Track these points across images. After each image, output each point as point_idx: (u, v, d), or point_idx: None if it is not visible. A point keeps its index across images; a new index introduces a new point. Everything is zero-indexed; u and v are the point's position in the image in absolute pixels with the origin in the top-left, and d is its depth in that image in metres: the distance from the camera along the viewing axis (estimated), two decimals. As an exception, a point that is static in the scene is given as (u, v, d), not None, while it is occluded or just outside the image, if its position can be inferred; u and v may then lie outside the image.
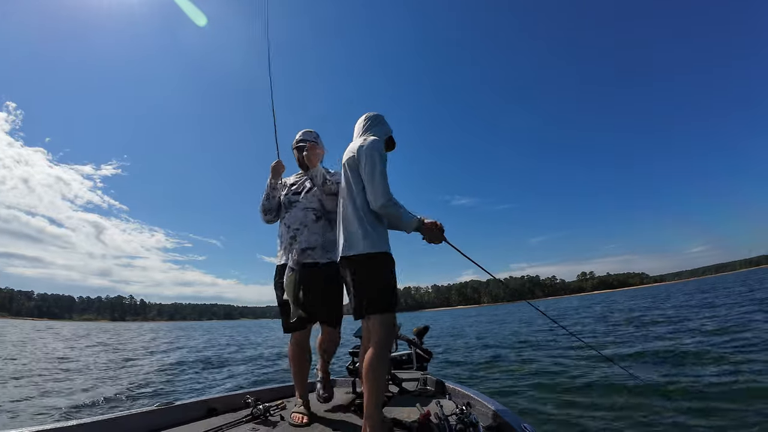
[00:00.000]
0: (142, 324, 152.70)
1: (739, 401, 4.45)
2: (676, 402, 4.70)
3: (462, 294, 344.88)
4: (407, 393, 3.15)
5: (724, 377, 5.44)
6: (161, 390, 7.61)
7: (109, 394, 6.99)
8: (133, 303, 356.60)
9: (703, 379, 5.55)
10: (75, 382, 8.31)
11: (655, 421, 4.15)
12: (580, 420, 4.41)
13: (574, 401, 5.16)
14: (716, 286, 45.63)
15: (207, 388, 7.95)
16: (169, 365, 11.40)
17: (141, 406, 4.26)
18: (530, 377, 6.99)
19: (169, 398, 4.65)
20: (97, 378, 9.00)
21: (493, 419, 2.23)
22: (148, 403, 5.91)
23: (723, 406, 4.34)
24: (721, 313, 14.02)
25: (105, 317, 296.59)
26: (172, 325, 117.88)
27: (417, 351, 4.08)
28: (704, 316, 13.54)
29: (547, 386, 6.15)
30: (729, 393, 4.78)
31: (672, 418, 4.20)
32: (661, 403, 4.71)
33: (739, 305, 16.06)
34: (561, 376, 6.68)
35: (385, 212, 2.02)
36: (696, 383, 5.31)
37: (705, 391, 4.96)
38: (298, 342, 2.60)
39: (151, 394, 7.22)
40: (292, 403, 2.81)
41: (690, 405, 4.51)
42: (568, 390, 5.81)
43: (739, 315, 12.57)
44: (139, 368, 10.78)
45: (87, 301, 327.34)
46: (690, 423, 4.05)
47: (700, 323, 11.78)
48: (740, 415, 4.08)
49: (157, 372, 10.05)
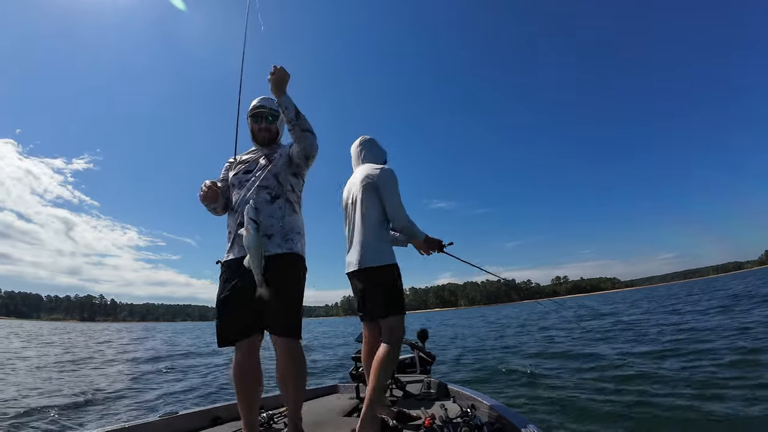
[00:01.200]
0: (111, 324, 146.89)
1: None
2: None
3: (439, 296, 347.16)
4: (411, 396, 3.13)
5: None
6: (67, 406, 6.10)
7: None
8: (103, 303, 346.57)
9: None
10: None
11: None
12: (586, 419, 4.46)
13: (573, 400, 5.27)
14: (653, 295, 48.38)
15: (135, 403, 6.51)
16: (102, 373, 9.91)
17: (139, 417, 4.28)
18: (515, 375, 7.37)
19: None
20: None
21: (498, 421, 2.22)
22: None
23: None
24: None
25: (74, 317, 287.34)
26: (142, 326, 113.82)
27: (420, 354, 4.11)
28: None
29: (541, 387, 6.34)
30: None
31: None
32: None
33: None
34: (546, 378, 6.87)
35: (404, 230, 2.48)
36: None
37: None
38: (243, 360, 2.00)
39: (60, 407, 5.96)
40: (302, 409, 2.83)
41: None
42: (562, 389, 5.98)
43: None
44: (70, 375, 9.53)
45: (55, 300, 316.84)
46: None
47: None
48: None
49: (82, 379, 8.75)
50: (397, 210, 2.42)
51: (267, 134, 2.25)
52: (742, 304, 16.27)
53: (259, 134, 2.24)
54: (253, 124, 2.26)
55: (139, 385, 8.05)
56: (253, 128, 2.26)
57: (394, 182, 2.45)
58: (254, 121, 2.25)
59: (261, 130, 2.24)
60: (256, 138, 2.26)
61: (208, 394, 7.14)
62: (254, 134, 2.26)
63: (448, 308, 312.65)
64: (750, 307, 14.66)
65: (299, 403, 2.08)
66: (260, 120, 2.24)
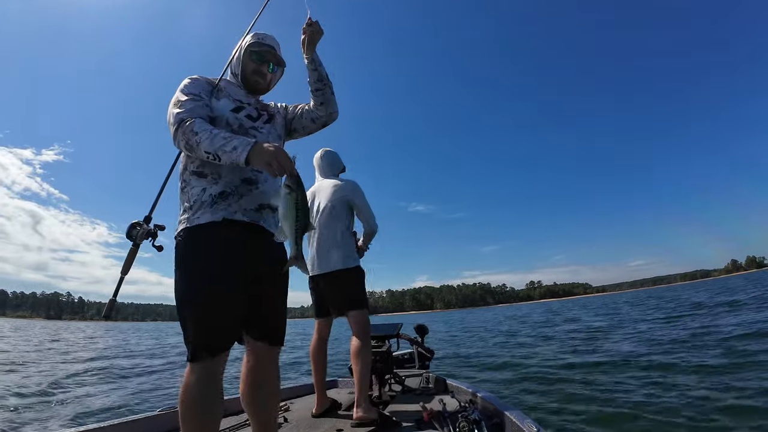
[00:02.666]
0: (77, 323, 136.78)
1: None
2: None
3: (416, 299, 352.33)
4: (410, 391, 3.19)
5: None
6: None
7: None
8: (70, 300, 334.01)
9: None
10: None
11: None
12: (580, 416, 4.46)
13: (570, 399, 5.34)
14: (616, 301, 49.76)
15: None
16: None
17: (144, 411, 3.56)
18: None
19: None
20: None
21: (496, 416, 2.21)
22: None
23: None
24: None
25: (40, 315, 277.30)
26: (113, 325, 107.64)
27: (419, 349, 4.13)
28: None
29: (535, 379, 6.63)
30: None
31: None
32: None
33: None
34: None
35: (372, 233, 2.90)
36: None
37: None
38: (214, 380, 1.41)
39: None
40: (296, 406, 2.90)
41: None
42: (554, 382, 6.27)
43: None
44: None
45: (21, 296, 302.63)
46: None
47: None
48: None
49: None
50: (372, 217, 2.84)
51: (263, 82, 1.72)
52: (679, 311, 16.97)
53: (257, 77, 1.70)
54: (252, 63, 1.69)
55: (55, 389, 7.19)
56: (251, 67, 1.69)
57: (363, 193, 2.83)
58: (257, 60, 1.69)
59: (263, 74, 1.70)
60: (249, 81, 1.70)
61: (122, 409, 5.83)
62: (249, 75, 1.69)
63: (425, 311, 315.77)
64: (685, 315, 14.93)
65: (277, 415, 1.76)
66: (263, 62, 1.70)
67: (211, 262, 1.42)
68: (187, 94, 1.50)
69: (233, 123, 1.56)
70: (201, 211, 1.46)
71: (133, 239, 1.45)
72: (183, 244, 1.46)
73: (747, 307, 14.71)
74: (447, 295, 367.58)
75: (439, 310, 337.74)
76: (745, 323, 10.12)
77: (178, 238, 1.47)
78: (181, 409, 1.36)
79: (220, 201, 1.47)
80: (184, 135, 1.39)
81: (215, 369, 1.41)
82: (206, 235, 1.45)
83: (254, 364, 1.58)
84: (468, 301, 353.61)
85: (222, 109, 1.56)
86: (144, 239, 1.46)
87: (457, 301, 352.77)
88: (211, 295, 1.40)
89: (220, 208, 1.46)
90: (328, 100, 1.78)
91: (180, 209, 1.53)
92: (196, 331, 1.38)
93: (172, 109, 1.47)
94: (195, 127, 1.38)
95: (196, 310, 1.40)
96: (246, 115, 1.61)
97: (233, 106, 1.59)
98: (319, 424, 2.44)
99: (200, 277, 1.42)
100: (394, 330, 3.57)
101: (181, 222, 1.49)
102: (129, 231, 1.45)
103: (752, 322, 10.11)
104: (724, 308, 15.45)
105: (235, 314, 1.46)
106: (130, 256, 1.47)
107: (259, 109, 1.68)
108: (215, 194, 1.47)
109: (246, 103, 1.65)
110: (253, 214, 1.53)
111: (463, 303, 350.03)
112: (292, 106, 1.85)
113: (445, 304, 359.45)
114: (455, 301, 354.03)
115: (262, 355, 1.58)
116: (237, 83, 1.71)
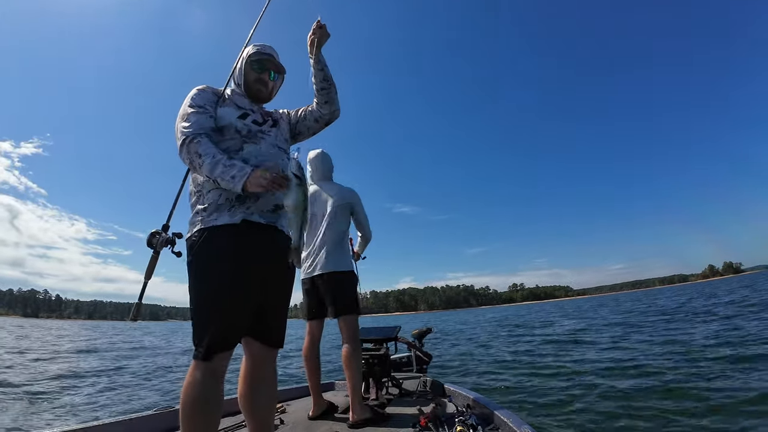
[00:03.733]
0: (54, 322, 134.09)
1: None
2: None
3: (400, 301, 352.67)
4: (407, 395, 3.16)
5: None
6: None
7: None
8: (47, 298, 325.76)
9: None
10: None
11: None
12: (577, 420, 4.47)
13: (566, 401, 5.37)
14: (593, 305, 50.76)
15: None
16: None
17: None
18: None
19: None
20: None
21: (493, 421, 2.22)
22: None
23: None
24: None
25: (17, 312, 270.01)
26: (91, 324, 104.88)
27: (417, 353, 4.12)
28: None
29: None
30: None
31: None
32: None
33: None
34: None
35: (367, 241, 3.02)
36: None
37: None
38: (218, 378, 1.44)
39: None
40: (292, 408, 2.90)
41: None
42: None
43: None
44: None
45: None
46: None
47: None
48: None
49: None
50: (368, 225, 2.98)
51: (265, 90, 1.77)
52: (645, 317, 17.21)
53: (259, 86, 1.76)
54: (253, 72, 1.74)
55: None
56: (252, 76, 1.74)
57: (359, 200, 2.92)
58: (257, 69, 1.74)
59: (264, 82, 1.76)
60: (252, 89, 1.75)
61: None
62: (252, 84, 1.75)
63: (408, 312, 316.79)
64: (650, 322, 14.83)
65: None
66: (264, 71, 1.75)
67: (231, 262, 1.45)
68: (193, 106, 1.56)
69: (242, 129, 1.60)
70: (217, 213, 1.50)
71: (153, 247, 1.48)
72: (200, 244, 1.47)
73: (685, 318, 14.73)
74: (431, 296, 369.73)
75: (423, 311, 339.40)
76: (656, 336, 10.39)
77: (193, 239, 1.50)
78: (185, 406, 1.36)
79: (238, 204, 1.51)
80: (189, 154, 1.46)
81: (220, 368, 1.43)
82: (225, 236, 1.48)
83: (252, 365, 1.60)
84: (451, 303, 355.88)
85: (229, 117, 1.60)
86: (164, 247, 1.49)
87: (441, 303, 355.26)
88: (231, 295, 1.44)
89: (239, 211, 1.51)
90: (332, 99, 1.83)
91: (193, 212, 1.56)
92: (213, 331, 1.40)
93: (180, 122, 1.52)
94: (200, 149, 1.45)
95: (216, 310, 1.43)
96: (252, 120, 1.65)
97: (239, 113, 1.63)
98: (316, 427, 2.46)
99: (220, 277, 1.44)
100: (392, 333, 3.63)
101: (195, 224, 1.52)
102: (149, 239, 1.47)
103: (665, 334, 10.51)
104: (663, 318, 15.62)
105: (249, 314, 1.51)
106: (151, 263, 1.50)
107: (264, 115, 1.72)
108: (232, 198, 1.51)
109: (250, 109, 1.69)
110: (270, 215, 1.59)
111: (446, 304, 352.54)
112: (294, 111, 1.91)
113: (429, 305, 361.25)
114: (439, 302, 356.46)
115: (261, 356, 1.60)
116: (240, 92, 1.76)
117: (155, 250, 1.48)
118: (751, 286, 36.83)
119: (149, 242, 1.47)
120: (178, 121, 1.54)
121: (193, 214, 1.56)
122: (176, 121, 1.55)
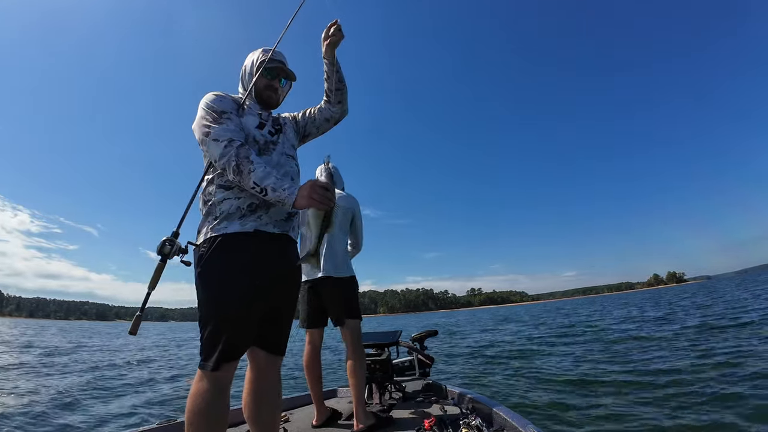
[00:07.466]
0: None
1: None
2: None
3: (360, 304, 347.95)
4: (410, 398, 3.16)
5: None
6: None
7: None
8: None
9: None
10: None
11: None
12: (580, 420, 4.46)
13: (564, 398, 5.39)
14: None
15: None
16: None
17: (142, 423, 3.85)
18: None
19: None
20: None
21: (497, 422, 2.20)
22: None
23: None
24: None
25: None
26: (33, 323, 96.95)
27: (419, 357, 4.12)
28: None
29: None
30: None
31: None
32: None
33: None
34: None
35: (358, 251, 3.01)
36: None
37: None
38: (226, 389, 1.42)
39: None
40: (296, 416, 2.87)
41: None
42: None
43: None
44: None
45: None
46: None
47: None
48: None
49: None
50: (362, 236, 2.97)
51: (275, 96, 1.76)
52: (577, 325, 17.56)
53: (270, 92, 1.74)
54: (264, 79, 1.71)
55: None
56: (263, 83, 1.72)
57: (360, 211, 2.95)
58: (268, 76, 1.72)
59: (275, 89, 1.75)
60: (262, 96, 1.73)
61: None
62: (262, 90, 1.72)
63: (368, 315, 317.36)
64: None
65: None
66: (275, 77, 1.73)
67: (242, 274, 1.43)
68: (225, 111, 1.51)
69: (260, 140, 1.58)
70: (228, 221, 1.47)
71: (164, 255, 1.39)
72: (211, 254, 1.44)
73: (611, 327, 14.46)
74: (391, 299, 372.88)
75: (383, 314, 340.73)
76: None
77: (202, 249, 1.46)
78: (191, 416, 1.35)
79: (249, 213, 1.49)
80: (237, 158, 1.39)
81: (227, 378, 1.41)
82: (236, 246, 1.45)
83: (258, 374, 1.59)
84: (411, 306, 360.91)
85: (249, 127, 1.57)
86: (175, 255, 1.42)
87: (401, 306, 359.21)
88: (243, 307, 1.42)
89: (250, 220, 1.49)
90: (344, 99, 1.86)
91: (202, 220, 1.53)
92: (225, 342, 1.38)
93: (214, 124, 1.46)
94: (251, 155, 1.40)
95: (227, 321, 1.40)
96: (268, 131, 1.64)
97: (257, 122, 1.61)
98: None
99: (231, 289, 1.42)
100: (393, 338, 3.64)
101: (204, 233, 1.49)
102: (160, 247, 1.39)
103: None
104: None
105: (258, 324, 1.49)
106: (157, 272, 1.42)
107: (273, 123, 1.70)
108: (244, 206, 1.49)
109: (265, 119, 1.66)
110: (283, 224, 1.58)
111: (406, 308, 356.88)
112: (301, 114, 1.89)
113: (389, 308, 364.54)
114: (399, 305, 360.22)
115: (266, 364, 1.59)
116: (251, 99, 1.73)
117: (163, 259, 1.40)
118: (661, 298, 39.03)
119: (160, 250, 1.39)
120: (208, 122, 1.48)
121: (203, 222, 1.53)
122: (201, 122, 1.49)
